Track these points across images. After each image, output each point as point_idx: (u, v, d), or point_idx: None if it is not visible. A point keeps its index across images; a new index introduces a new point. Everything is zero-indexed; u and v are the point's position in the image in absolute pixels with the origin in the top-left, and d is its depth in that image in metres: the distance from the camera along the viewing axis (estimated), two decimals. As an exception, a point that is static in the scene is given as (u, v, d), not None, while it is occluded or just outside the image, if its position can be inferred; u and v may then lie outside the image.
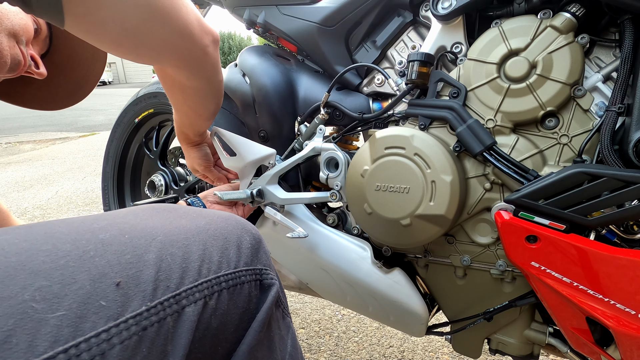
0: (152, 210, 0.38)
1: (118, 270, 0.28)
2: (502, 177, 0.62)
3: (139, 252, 0.30)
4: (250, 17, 0.91)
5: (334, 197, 0.76)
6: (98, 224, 0.32)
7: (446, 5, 0.65)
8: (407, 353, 1.18)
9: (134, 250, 0.30)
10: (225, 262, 0.36)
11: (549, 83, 0.58)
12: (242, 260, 0.38)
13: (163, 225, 0.35)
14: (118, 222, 0.33)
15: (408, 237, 0.66)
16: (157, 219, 0.36)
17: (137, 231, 0.32)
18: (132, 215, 0.35)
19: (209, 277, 0.33)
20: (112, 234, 0.31)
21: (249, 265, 0.38)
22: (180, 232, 0.35)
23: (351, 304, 0.81)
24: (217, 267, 0.35)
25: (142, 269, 0.29)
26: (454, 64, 0.69)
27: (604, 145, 0.53)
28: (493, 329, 0.71)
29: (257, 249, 0.41)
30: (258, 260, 0.40)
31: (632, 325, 0.50)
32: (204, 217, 0.39)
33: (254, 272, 0.38)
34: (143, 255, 0.30)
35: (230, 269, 0.36)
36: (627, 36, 0.53)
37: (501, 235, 0.57)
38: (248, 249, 0.39)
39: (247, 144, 0.85)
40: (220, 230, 0.38)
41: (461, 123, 0.62)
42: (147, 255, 0.30)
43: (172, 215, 0.38)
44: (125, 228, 0.32)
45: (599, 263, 0.51)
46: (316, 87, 0.85)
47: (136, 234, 0.32)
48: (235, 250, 0.38)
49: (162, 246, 0.32)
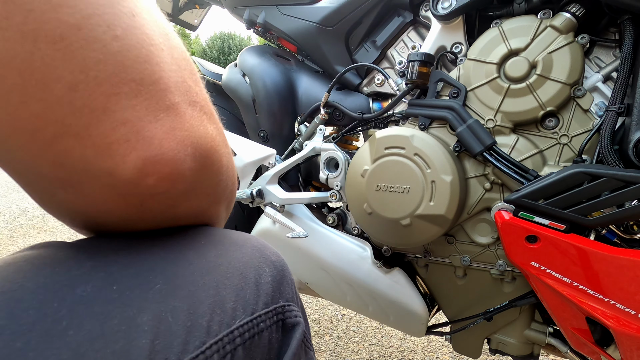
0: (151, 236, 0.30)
1: (100, 346, 0.21)
2: (502, 177, 0.62)
3: (129, 313, 0.23)
4: (250, 17, 0.91)
5: (334, 197, 0.76)
6: (79, 267, 0.24)
7: (446, 5, 0.65)
8: (407, 353, 1.18)
9: (123, 312, 0.23)
10: (240, 308, 0.28)
11: (549, 83, 0.58)
12: (261, 300, 0.30)
13: (164, 263, 0.27)
14: (107, 262, 0.25)
15: (408, 237, 0.66)
16: (157, 252, 0.28)
17: (129, 276, 0.25)
18: (125, 247, 0.28)
19: (220, 334, 0.26)
20: (95, 285, 0.23)
21: (268, 306, 0.31)
22: (187, 271, 0.27)
23: (351, 304, 0.81)
24: (231, 318, 0.27)
25: (133, 339, 0.22)
26: (454, 64, 0.69)
27: (604, 145, 0.53)
28: (493, 329, 0.71)
29: (280, 280, 0.33)
30: (280, 295, 0.33)
31: (632, 325, 0.50)
32: (214, 245, 0.31)
33: (275, 312, 0.31)
34: (135, 317, 0.23)
35: (246, 315, 0.29)
36: (627, 36, 0.53)
37: (501, 235, 0.57)
38: (268, 283, 0.32)
39: (247, 144, 0.85)
40: (234, 263, 0.31)
41: (461, 123, 0.62)
42: (141, 317, 0.23)
43: (176, 244, 0.30)
44: (114, 272, 0.25)
45: (599, 263, 0.51)
46: (316, 87, 0.85)
47: (128, 281, 0.25)
48: (253, 289, 0.30)
49: (161, 298, 0.25)
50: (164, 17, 0.27)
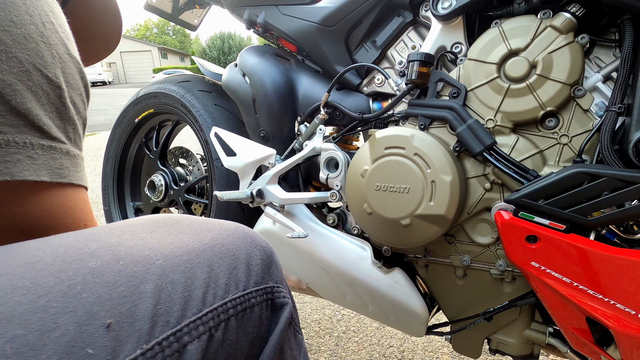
0: (153, 225, 0.35)
1: (109, 307, 0.25)
2: (502, 177, 0.62)
3: (134, 282, 0.27)
4: (250, 17, 0.91)
5: (334, 197, 0.76)
6: (89, 247, 0.28)
7: (446, 5, 0.65)
8: (407, 353, 1.18)
9: (128, 281, 0.27)
10: (233, 284, 0.32)
11: (549, 83, 0.58)
12: (252, 279, 0.34)
13: (163, 245, 0.31)
14: (112, 245, 0.29)
15: (408, 237, 0.66)
16: (157, 237, 0.32)
17: (133, 255, 0.29)
18: (129, 233, 0.32)
19: (214, 304, 0.30)
20: (104, 260, 0.27)
21: (259, 285, 0.35)
22: (183, 251, 0.31)
23: (351, 304, 0.81)
24: (224, 292, 0.31)
25: (137, 303, 0.26)
26: (454, 64, 0.69)
27: (604, 145, 0.53)
28: (493, 329, 0.71)
29: (269, 264, 0.37)
30: (270, 277, 0.36)
31: (632, 325, 0.50)
32: (209, 230, 0.35)
33: (265, 291, 0.35)
34: (139, 286, 0.27)
35: (239, 291, 0.32)
36: (627, 36, 0.53)
37: (501, 235, 0.57)
38: (258, 265, 0.36)
39: (247, 144, 0.85)
40: (227, 246, 0.35)
41: (461, 123, 0.62)
42: (144, 286, 0.27)
43: (174, 230, 0.34)
44: (120, 252, 0.29)
45: (599, 263, 0.51)
46: (316, 87, 0.85)
47: (132, 258, 0.28)
48: (245, 269, 0.34)
49: (161, 272, 0.29)
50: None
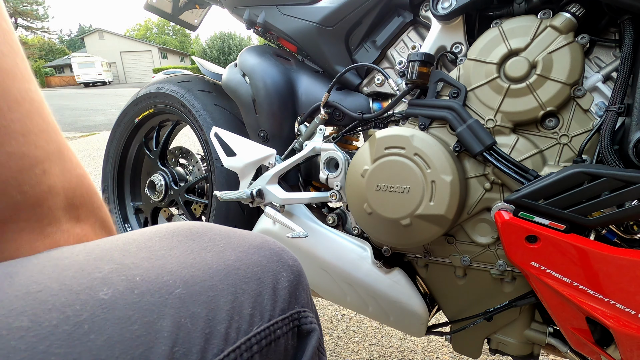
0: (172, 238, 0.30)
1: (120, 352, 0.21)
2: (502, 177, 0.62)
3: (150, 318, 0.23)
4: (250, 17, 0.91)
5: (334, 197, 0.76)
6: (100, 270, 0.25)
7: (446, 5, 0.65)
8: (407, 353, 1.18)
9: (144, 316, 0.23)
10: (258, 315, 0.29)
11: (549, 83, 0.58)
12: (278, 306, 0.31)
13: (184, 267, 0.27)
14: (127, 267, 0.26)
15: (408, 237, 0.66)
16: (176, 255, 0.28)
17: (150, 281, 0.25)
18: (145, 250, 0.28)
19: (238, 342, 0.26)
20: (117, 289, 0.24)
21: (285, 312, 0.31)
22: (205, 276, 0.28)
23: (351, 304, 0.81)
24: (249, 324, 0.28)
25: (152, 346, 0.22)
26: (454, 64, 0.69)
27: (604, 145, 0.53)
28: (493, 329, 0.71)
29: (296, 285, 0.33)
30: (297, 301, 0.33)
31: (632, 325, 0.50)
32: (233, 248, 0.32)
33: (292, 318, 0.32)
34: (155, 323, 0.23)
35: (264, 322, 0.29)
36: (627, 36, 0.53)
37: (501, 235, 0.57)
38: (285, 288, 0.32)
39: (247, 144, 0.85)
40: (252, 268, 0.31)
41: (461, 123, 0.62)
42: (160, 323, 0.23)
43: (195, 246, 0.30)
44: (135, 277, 0.25)
45: (599, 263, 0.51)
46: (316, 87, 0.85)
47: (149, 286, 0.25)
48: (271, 295, 0.31)
49: (181, 304, 0.25)
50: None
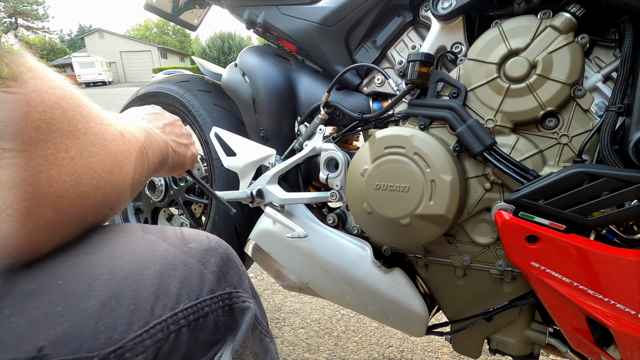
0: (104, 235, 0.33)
1: (43, 329, 0.23)
2: (502, 177, 0.62)
3: (73, 302, 0.26)
4: (250, 17, 0.90)
5: (334, 197, 0.76)
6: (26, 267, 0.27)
7: (446, 5, 0.65)
8: (406, 353, 1.18)
9: (66, 300, 0.25)
10: (185, 294, 0.31)
11: (549, 83, 0.58)
12: (205, 287, 0.33)
13: (111, 258, 0.30)
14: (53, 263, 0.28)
15: (408, 236, 0.66)
16: (105, 250, 0.31)
17: (74, 273, 0.27)
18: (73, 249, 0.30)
19: (163, 316, 0.29)
20: (40, 281, 0.26)
21: (214, 292, 0.34)
22: (132, 264, 0.30)
23: (351, 303, 0.81)
24: (175, 302, 0.30)
25: (76, 322, 0.25)
26: (454, 64, 0.69)
27: (604, 145, 0.53)
28: (493, 329, 0.71)
29: (225, 269, 0.36)
30: (226, 282, 0.35)
31: (632, 325, 0.50)
32: (163, 240, 0.34)
33: (221, 298, 0.34)
34: (78, 305, 0.25)
35: (190, 301, 0.31)
36: (627, 36, 0.53)
37: (501, 235, 0.57)
38: (213, 272, 0.34)
39: (247, 144, 0.85)
40: (180, 256, 0.33)
41: (461, 123, 0.62)
42: (84, 304, 0.26)
43: (125, 241, 0.33)
44: (61, 271, 0.27)
45: (599, 263, 0.51)
46: (316, 87, 0.85)
47: (73, 276, 0.27)
48: (198, 278, 0.33)
49: (106, 287, 0.27)
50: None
